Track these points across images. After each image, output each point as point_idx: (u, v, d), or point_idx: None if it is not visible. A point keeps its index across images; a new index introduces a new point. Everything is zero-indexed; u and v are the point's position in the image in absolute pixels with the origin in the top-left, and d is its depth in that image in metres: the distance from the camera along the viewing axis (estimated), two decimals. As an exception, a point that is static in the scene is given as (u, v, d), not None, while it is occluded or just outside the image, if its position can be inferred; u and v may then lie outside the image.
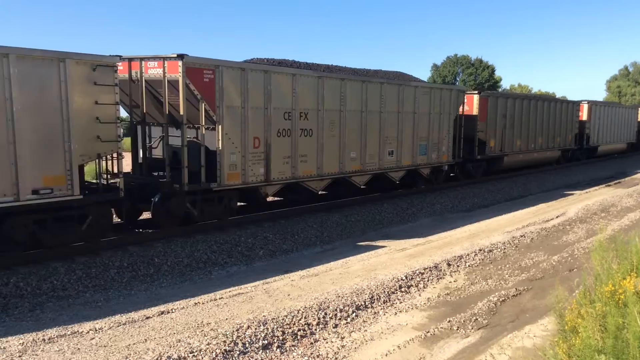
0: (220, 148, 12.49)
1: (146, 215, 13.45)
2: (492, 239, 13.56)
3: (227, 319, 8.09)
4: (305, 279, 10.40)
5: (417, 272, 10.43)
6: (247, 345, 7.06)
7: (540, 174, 27.75)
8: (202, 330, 7.50)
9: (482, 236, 14.18)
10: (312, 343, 7.42)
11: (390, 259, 11.99)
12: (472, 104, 22.41)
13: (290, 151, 14.28)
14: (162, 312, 8.47)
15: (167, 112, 12.21)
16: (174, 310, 8.56)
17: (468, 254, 11.82)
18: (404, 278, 10.02)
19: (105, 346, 7.20)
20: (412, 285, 9.82)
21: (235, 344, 7.03)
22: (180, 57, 11.66)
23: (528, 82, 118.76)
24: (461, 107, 21.27)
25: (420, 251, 12.69)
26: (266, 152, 13.59)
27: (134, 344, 7.25)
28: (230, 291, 9.64)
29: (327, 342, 7.45)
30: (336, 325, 8.00)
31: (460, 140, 21.46)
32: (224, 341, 7.04)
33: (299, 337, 7.52)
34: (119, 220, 12.99)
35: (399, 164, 18.26)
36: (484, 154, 22.95)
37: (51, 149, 9.75)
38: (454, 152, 21.08)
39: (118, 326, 7.90)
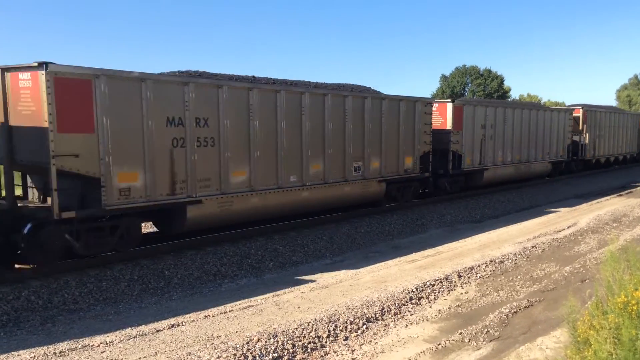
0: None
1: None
2: (503, 249, 13.49)
3: (237, 331, 8.09)
4: (315, 291, 10.39)
5: (428, 283, 10.38)
6: (257, 358, 7.05)
7: (549, 184, 27.59)
8: (212, 344, 7.50)
9: (493, 247, 14.11)
10: (322, 356, 7.39)
11: (400, 270, 11.95)
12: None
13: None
14: (173, 325, 8.48)
15: None
16: (184, 323, 8.56)
17: (479, 265, 11.75)
18: (414, 290, 9.97)
19: (116, 359, 7.21)
20: (422, 297, 9.77)
21: (246, 357, 7.01)
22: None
23: (537, 92, 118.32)
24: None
25: (430, 262, 12.64)
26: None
27: (145, 357, 7.26)
28: (240, 304, 9.64)
29: (337, 355, 7.42)
30: (346, 338, 7.97)
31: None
32: (234, 354, 7.03)
33: (309, 350, 7.50)
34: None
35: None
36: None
37: None
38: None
39: (129, 339, 7.91)
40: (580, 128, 30.47)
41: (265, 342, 7.46)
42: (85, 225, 10.53)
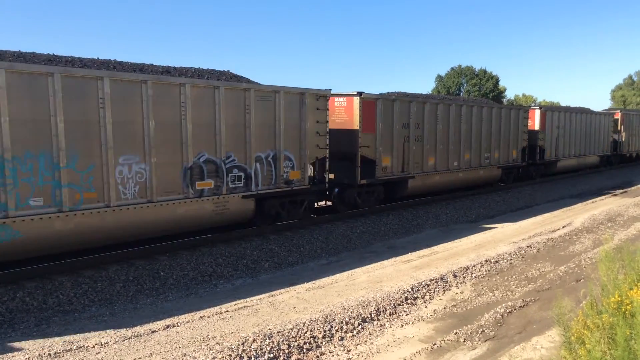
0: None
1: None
2: (498, 249, 13.51)
3: (232, 332, 8.08)
4: (310, 291, 10.38)
5: (423, 283, 10.39)
6: (252, 359, 7.04)
7: (545, 184, 27.66)
8: (207, 344, 7.49)
9: (488, 247, 14.13)
10: (318, 356, 7.39)
11: (395, 270, 11.96)
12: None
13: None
14: (168, 326, 8.46)
15: None
16: (179, 324, 8.55)
17: (474, 265, 11.77)
18: (410, 290, 9.98)
19: (111, 361, 7.20)
20: (418, 297, 9.78)
21: (241, 357, 7.01)
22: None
23: (533, 92, 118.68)
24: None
25: (426, 262, 12.65)
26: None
27: (140, 358, 7.24)
28: (235, 304, 9.63)
29: (333, 356, 7.42)
30: (342, 338, 7.97)
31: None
32: (230, 355, 7.02)
33: (304, 351, 7.50)
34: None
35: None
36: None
37: None
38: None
39: (124, 340, 7.89)
40: (619, 128, 36.52)
41: (261, 342, 7.45)
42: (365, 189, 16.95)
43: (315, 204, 16.83)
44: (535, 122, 26.99)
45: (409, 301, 9.55)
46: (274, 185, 14.13)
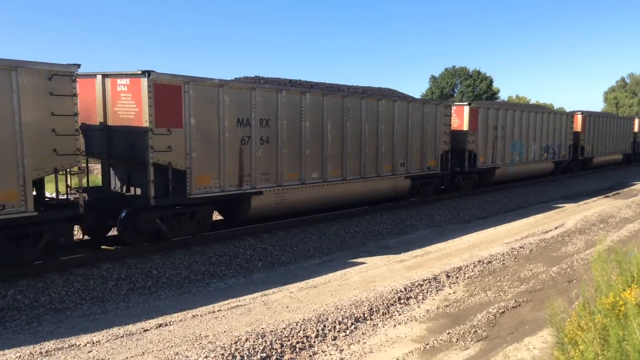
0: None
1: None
2: (491, 250, 13.55)
3: (225, 331, 8.06)
4: (304, 291, 10.37)
5: (416, 283, 10.40)
6: (245, 358, 7.03)
7: (538, 185, 27.75)
8: (200, 343, 7.47)
9: (481, 247, 14.16)
10: (310, 356, 7.38)
11: (389, 270, 11.96)
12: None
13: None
14: (160, 325, 8.43)
15: None
16: (172, 323, 8.52)
17: (467, 266, 11.79)
18: (403, 290, 9.99)
19: (102, 359, 7.16)
20: (411, 297, 9.79)
21: (234, 357, 6.99)
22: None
23: (526, 93, 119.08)
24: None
25: (419, 262, 12.66)
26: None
27: (132, 357, 7.21)
28: (228, 303, 9.60)
29: (325, 355, 7.42)
30: (335, 338, 7.97)
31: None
32: (222, 354, 7.00)
33: (297, 350, 7.48)
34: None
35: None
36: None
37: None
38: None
39: (116, 339, 7.86)
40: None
41: (254, 342, 7.43)
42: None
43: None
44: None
45: (402, 301, 9.56)
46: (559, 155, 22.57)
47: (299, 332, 7.91)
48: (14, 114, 9.27)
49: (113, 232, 12.85)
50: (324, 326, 8.20)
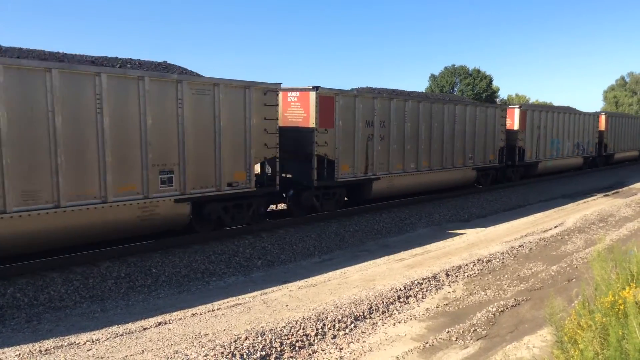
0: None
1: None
2: (491, 249, 13.55)
3: (224, 329, 8.06)
4: (303, 290, 10.37)
5: (416, 282, 10.40)
6: (244, 356, 7.02)
7: (538, 184, 27.76)
8: (199, 342, 7.46)
9: (481, 246, 14.16)
10: (310, 354, 7.38)
11: (388, 269, 11.96)
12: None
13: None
14: (160, 323, 8.43)
15: None
16: (171, 321, 8.52)
17: (466, 264, 11.79)
18: (402, 288, 9.99)
19: (102, 357, 7.16)
20: (410, 296, 9.79)
21: (233, 355, 6.99)
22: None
23: (526, 92, 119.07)
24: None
25: (418, 261, 12.66)
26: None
27: (131, 355, 7.20)
28: (228, 302, 9.60)
29: (325, 354, 7.41)
30: (334, 336, 7.97)
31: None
32: (222, 352, 7.00)
33: (297, 349, 7.48)
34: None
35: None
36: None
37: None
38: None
39: (115, 337, 7.85)
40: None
41: (253, 340, 7.43)
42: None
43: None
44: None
45: (401, 300, 9.55)
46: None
47: (298, 330, 7.91)
48: (245, 119, 13.28)
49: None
50: (324, 325, 8.19)
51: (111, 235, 11.24)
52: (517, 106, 26.09)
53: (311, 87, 15.49)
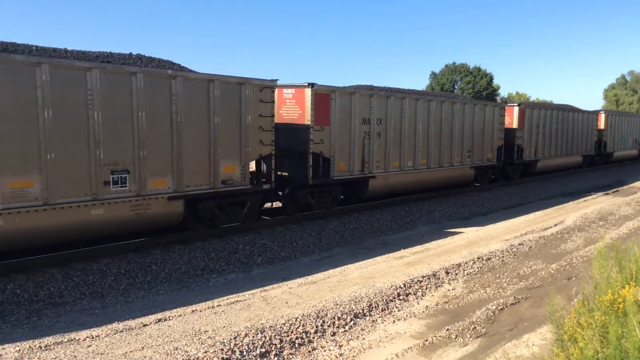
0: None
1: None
2: (491, 247, 13.55)
3: (224, 326, 8.06)
4: (303, 287, 10.37)
5: (416, 280, 10.41)
6: (244, 353, 7.03)
7: (537, 183, 27.75)
8: (199, 338, 7.47)
9: (481, 244, 14.16)
10: (310, 351, 7.39)
11: (388, 266, 11.96)
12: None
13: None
14: (160, 320, 8.43)
15: None
16: (171, 318, 8.52)
17: (466, 262, 11.80)
18: (402, 286, 9.99)
19: (102, 354, 7.16)
20: (410, 294, 9.79)
21: (233, 352, 6.99)
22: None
23: (526, 90, 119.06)
24: None
25: (418, 259, 12.67)
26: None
27: (131, 351, 7.21)
28: (228, 299, 9.60)
29: (325, 351, 7.42)
30: (334, 334, 7.97)
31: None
32: (222, 349, 7.00)
33: (296, 346, 7.49)
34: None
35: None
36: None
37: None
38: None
39: (115, 334, 7.86)
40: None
41: (253, 337, 7.44)
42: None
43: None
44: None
45: (401, 297, 9.56)
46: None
47: (298, 327, 7.92)
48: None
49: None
50: (323, 322, 8.20)
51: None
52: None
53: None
